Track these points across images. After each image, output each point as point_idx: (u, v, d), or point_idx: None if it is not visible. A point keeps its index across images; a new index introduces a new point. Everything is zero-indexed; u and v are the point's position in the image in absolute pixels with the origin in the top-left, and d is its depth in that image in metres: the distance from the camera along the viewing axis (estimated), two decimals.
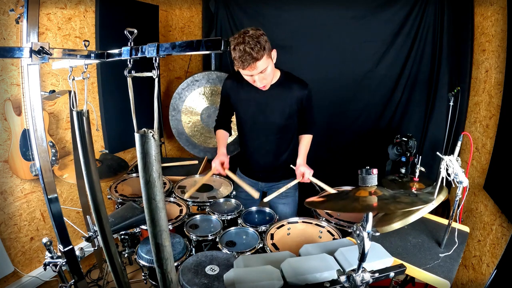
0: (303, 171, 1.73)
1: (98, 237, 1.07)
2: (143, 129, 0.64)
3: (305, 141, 1.84)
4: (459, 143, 1.23)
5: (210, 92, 2.86)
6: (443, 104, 2.42)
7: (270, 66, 1.54)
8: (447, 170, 1.09)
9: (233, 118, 1.96)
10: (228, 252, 1.40)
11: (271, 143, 1.80)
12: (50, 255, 1.09)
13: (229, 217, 1.69)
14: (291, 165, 1.82)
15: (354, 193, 0.91)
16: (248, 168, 1.96)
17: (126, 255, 1.76)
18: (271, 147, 1.81)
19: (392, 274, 0.93)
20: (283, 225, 1.63)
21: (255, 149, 1.85)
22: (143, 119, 1.50)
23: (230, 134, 1.98)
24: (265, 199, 1.76)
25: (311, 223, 1.65)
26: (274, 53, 1.56)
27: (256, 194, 1.73)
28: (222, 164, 1.79)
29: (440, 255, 1.23)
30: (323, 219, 1.67)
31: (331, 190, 1.72)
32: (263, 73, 1.52)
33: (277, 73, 1.69)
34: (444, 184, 1.07)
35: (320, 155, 1.91)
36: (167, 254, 0.71)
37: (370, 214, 0.79)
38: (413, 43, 2.57)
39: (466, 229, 1.39)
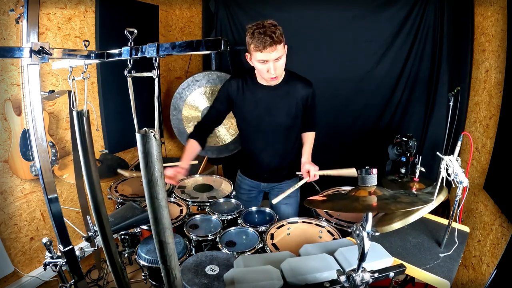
0: (308, 169, 1.69)
1: (98, 237, 1.07)
2: (144, 129, 0.64)
3: (309, 138, 1.84)
4: (459, 143, 1.23)
5: (210, 92, 2.86)
6: (443, 104, 2.42)
7: (284, 58, 1.54)
8: (447, 170, 1.09)
9: (231, 120, 1.95)
10: (228, 252, 1.40)
11: (276, 144, 1.79)
12: (50, 255, 1.09)
13: (229, 217, 1.69)
14: (298, 173, 1.81)
15: (354, 193, 0.91)
16: (251, 170, 1.95)
17: (126, 255, 1.76)
18: (276, 148, 1.80)
19: (392, 274, 0.93)
20: (283, 225, 1.63)
21: (260, 151, 1.83)
22: (143, 119, 1.50)
23: (203, 148, 1.78)
24: (274, 201, 1.69)
25: (311, 223, 1.64)
26: (286, 48, 1.56)
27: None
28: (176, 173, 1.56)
29: (440, 255, 1.23)
30: (323, 219, 1.67)
31: (342, 172, 1.62)
32: (278, 60, 1.51)
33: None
34: (444, 184, 1.07)
35: (320, 155, 1.91)
36: (170, 251, 0.71)
37: (370, 214, 0.79)
38: (413, 43, 2.57)
39: (466, 229, 1.39)
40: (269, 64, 1.51)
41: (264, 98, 1.69)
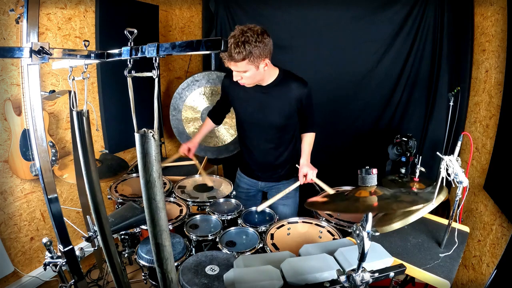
0: (306, 172, 1.71)
1: (98, 237, 1.07)
2: (143, 129, 0.64)
3: (308, 139, 1.83)
4: (459, 143, 1.23)
5: (210, 92, 2.86)
6: (443, 104, 2.41)
7: (251, 73, 1.51)
8: (447, 170, 1.09)
9: (232, 121, 1.97)
10: (228, 252, 1.40)
11: (270, 142, 1.79)
12: (50, 255, 1.09)
13: (229, 217, 1.69)
14: (297, 165, 1.81)
15: (354, 194, 0.91)
16: (248, 168, 1.96)
17: (126, 255, 1.76)
18: (270, 147, 1.80)
19: (392, 274, 0.93)
20: (283, 225, 1.63)
21: (254, 149, 1.84)
22: (143, 119, 1.50)
23: (218, 125, 2.07)
24: (259, 208, 1.75)
25: (311, 223, 1.65)
26: (265, 62, 1.51)
27: (198, 166, 1.99)
28: (189, 150, 1.95)
29: (440, 255, 1.22)
30: (323, 219, 1.67)
31: (331, 192, 1.72)
32: (239, 72, 1.52)
33: (275, 72, 1.66)
34: (444, 184, 1.07)
35: (319, 155, 1.91)
36: (167, 254, 0.71)
37: (370, 214, 0.79)
38: (413, 43, 2.57)
39: (466, 229, 1.39)
40: (234, 71, 1.54)
41: (257, 97, 1.68)
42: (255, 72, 1.52)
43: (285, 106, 1.69)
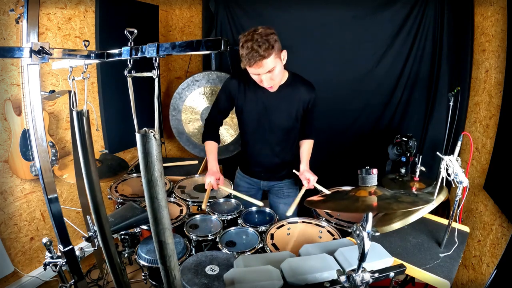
0: (308, 178, 1.68)
1: (98, 237, 1.06)
2: (144, 129, 0.64)
3: (307, 146, 1.82)
4: (459, 143, 1.23)
5: (210, 92, 2.86)
6: (443, 104, 2.42)
7: (279, 67, 1.51)
8: (447, 170, 1.09)
9: (232, 121, 1.96)
10: (228, 252, 1.40)
11: (275, 144, 1.79)
12: (50, 255, 1.09)
13: (229, 217, 1.69)
14: (294, 170, 1.78)
15: (354, 193, 0.91)
16: (250, 168, 1.96)
17: (126, 255, 1.76)
18: (275, 148, 1.80)
19: (392, 274, 0.93)
20: (283, 225, 1.63)
21: (258, 150, 1.83)
22: (143, 119, 1.50)
23: (219, 143, 1.88)
24: (288, 213, 1.61)
25: (311, 223, 1.65)
26: (284, 53, 1.53)
27: (260, 203, 1.67)
28: (217, 179, 1.74)
29: (440, 255, 1.23)
30: (323, 219, 1.67)
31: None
32: (270, 72, 1.49)
33: (285, 74, 1.68)
34: (444, 184, 1.07)
35: (319, 155, 1.91)
36: (170, 251, 0.72)
37: (370, 214, 0.79)
38: (413, 43, 2.57)
39: (466, 229, 1.39)
40: (261, 76, 1.51)
41: (265, 99, 1.68)
42: (281, 66, 1.53)
43: (293, 109, 1.70)
